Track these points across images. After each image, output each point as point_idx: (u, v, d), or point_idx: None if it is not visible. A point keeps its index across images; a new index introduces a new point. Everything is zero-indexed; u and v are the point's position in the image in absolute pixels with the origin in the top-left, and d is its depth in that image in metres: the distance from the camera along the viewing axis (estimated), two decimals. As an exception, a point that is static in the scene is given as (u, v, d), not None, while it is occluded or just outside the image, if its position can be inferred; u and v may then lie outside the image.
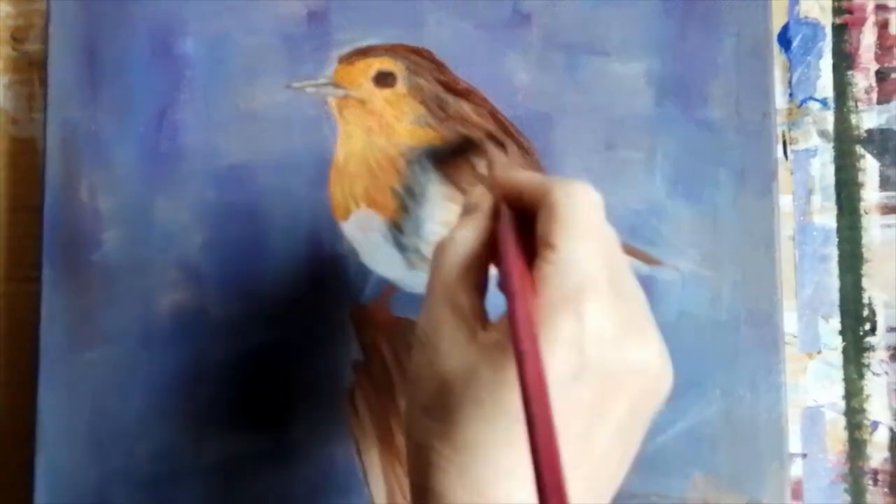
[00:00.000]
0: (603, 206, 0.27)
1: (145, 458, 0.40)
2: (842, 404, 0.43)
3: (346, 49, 0.41)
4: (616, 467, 0.27)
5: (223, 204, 0.41)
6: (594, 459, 0.25)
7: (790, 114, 0.44)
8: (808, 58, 0.44)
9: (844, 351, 0.43)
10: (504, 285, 0.25)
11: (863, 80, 0.44)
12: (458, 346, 0.26)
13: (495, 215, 0.28)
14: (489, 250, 0.28)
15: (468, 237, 0.28)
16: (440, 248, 0.28)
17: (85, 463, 0.40)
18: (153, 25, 0.42)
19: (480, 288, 0.28)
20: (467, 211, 0.29)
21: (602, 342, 0.25)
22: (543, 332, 0.24)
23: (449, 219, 0.39)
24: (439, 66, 0.41)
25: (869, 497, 0.42)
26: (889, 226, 0.43)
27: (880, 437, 0.42)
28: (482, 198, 0.29)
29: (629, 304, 0.26)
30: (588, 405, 0.25)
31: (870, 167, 0.43)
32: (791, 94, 0.44)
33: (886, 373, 0.43)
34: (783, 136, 0.44)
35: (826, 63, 0.44)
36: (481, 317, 0.27)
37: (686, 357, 0.39)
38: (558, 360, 0.24)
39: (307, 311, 0.40)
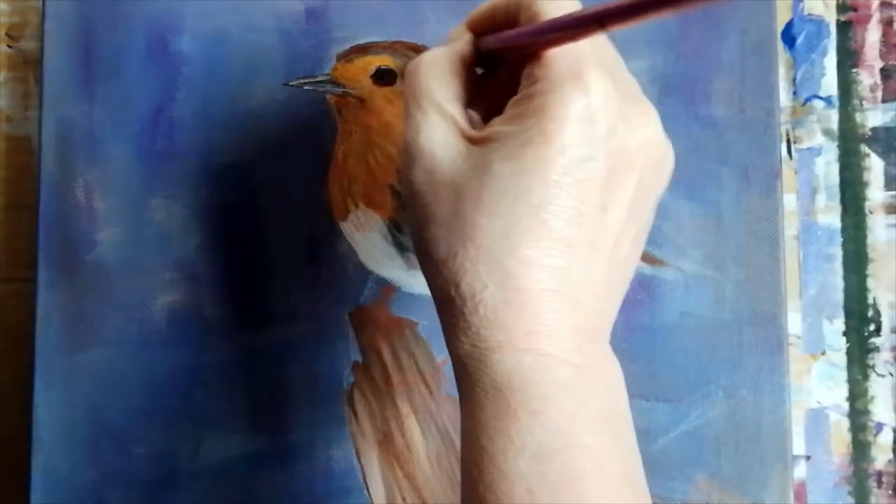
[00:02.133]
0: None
1: (142, 460, 0.40)
2: (846, 406, 0.42)
3: (345, 47, 0.41)
4: (629, 251, 0.27)
5: (220, 203, 0.40)
6: (610, 242, 0.26)
7: (794, 112, 0.43)
8: (813, 55, 0.44)
9: (849, 352, 0.42)
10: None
11: (867, 77, 0.43)
12: (457, 150, 0.26)
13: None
14: (468, 70, 0.29)
15: (442, 54, 0.28)
16: (413, 66, 0.28)
17: (81, 465, 0.40)
18: (149, 22, 0.41)
19: (462, 100, 0.28)
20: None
21: (609, 113, 0.25)
22: (554, 110, 0.25)
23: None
24: (439, 63, 0.40)
25: (873, 499, 0.42)
26: (894, 225, 0.43)
27: (885, 439, 0.42)
28: (454, 32, 0.30)
29: (626, 79, 0.27)
30: (601, 184, 0.25)
31: (875, 166, 0.43)
32: (795, 92, 0.44)
33: (891, 374, 0.42)
34: (787, 134, 0.43)
35: (830, 61, 0.44)
36: (468, 122, 0.27)
37: (689, 358, 0.39)
38: (571, 139, 0.25)
39: (306, 311, 0.40)
